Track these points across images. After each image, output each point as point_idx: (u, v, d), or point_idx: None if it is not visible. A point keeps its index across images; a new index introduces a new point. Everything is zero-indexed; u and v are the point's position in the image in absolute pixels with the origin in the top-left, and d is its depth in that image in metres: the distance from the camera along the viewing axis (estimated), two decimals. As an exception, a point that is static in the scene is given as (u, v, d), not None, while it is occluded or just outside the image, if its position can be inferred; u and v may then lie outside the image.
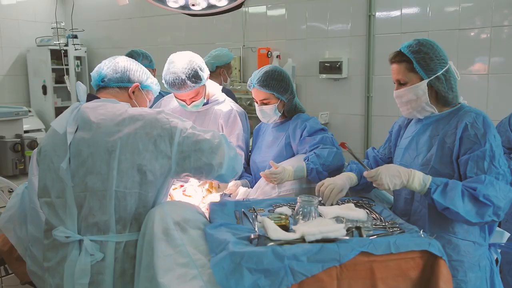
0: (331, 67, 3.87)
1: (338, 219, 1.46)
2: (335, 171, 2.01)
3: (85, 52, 5.30)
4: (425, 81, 1.68)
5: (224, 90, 2.63)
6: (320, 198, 1.73)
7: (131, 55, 3.21)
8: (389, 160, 1.96)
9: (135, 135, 1.47)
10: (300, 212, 1.46)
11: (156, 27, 5.00)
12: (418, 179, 1.56)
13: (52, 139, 1.54)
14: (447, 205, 1.50)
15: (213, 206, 1.69)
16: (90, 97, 1.62)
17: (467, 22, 3.34)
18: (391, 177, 1.57)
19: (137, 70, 1.71)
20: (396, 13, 3.63)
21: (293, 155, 2.18)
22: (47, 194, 1.52)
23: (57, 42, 4.17)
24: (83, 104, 1.56)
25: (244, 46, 4.45)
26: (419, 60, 1.67)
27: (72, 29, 4.40)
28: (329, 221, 1.41)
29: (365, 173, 1.66)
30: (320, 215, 1.50)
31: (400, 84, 1.74)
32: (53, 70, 5.10)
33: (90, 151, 1.46)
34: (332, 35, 3.96)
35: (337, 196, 1.77)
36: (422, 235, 1.38)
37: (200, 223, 1.51)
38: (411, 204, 1.76)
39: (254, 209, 1.70)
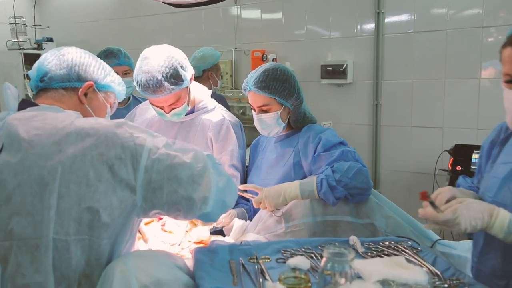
0: (334, 71, 3.57)
1: (385, 283, 0.99)
2: (358, 193, 1.55)
3: (61, 56, 4.90)
4: None
5: (214, 96, 2.18)
6: (357, 250, 1.25)
7: (111, 51, 2.59)
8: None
9: (83, 157, 1.06)
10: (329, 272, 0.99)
11: (139, 29, 4.70)
12: (501, 222, 1.08)
13: None
14: None
15: (199, 255, 1.21)
16: (24, 104, 1.20)
17: (493, 19, 2.97)
18: (471, 219, 1.09)
19: (91, 64, 1.30)
20: (409, 9, 3.29)
21: (304, 176, 1.71)
22: None
23: (16, 40, 3.65)
24: (11, 115, 1.15)
25: (236, 48, 4.15)
26: None
27: (35, 25, 3.90)
28: (372, 287, 0.95)
29: (441, 219, 1.14)
30: (358, 276, 1.03)
31: None
32: (26, 76, 4.73)
33: (18, 181, 1.05)
34: (335, 36, 3.64)
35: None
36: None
37: (181, 286, 1.05)
38: None
39: (256, 258, 1.23)
